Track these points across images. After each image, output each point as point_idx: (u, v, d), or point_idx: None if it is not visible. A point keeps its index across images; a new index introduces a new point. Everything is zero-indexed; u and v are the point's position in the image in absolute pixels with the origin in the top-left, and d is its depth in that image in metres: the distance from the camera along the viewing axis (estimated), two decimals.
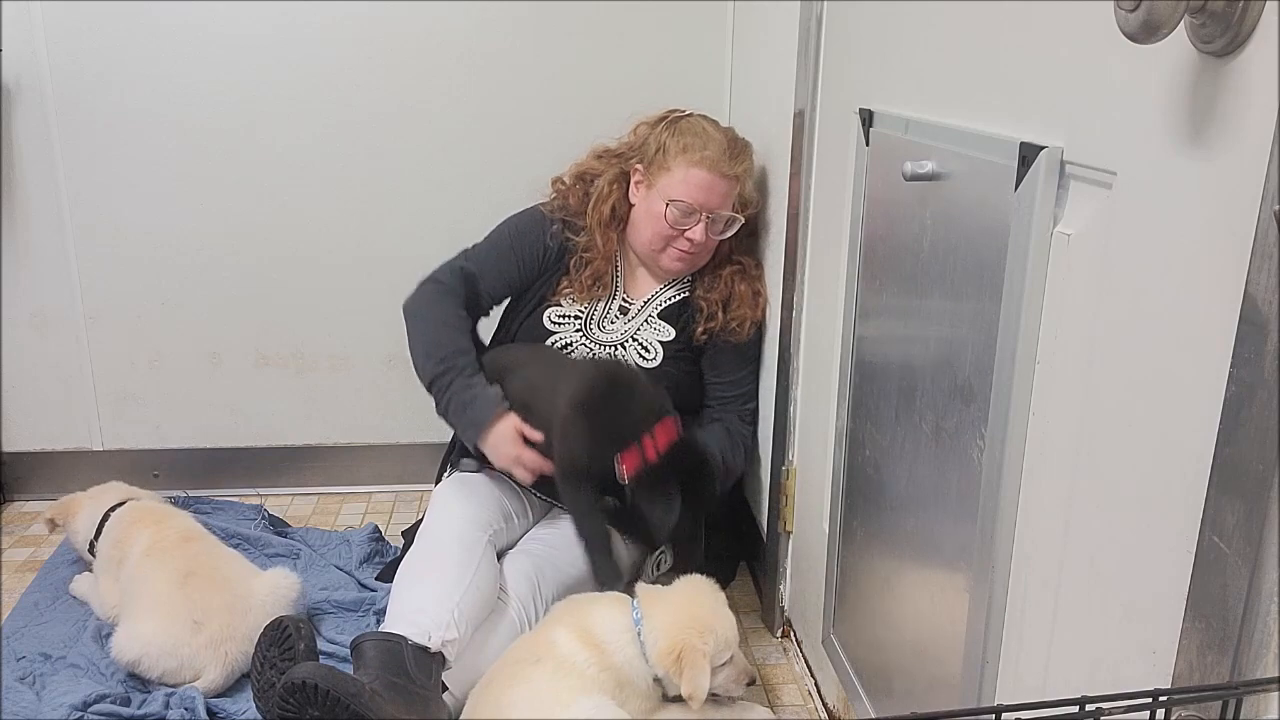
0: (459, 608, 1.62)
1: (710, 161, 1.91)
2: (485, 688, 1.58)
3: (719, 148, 1.93)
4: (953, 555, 1.17)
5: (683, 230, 1.94)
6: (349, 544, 2.21)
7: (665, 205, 1.92)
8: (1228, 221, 0.71)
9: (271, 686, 1.56)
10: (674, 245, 1.96)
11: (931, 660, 1.25)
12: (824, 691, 1.75)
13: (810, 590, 1.79)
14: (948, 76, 1.21)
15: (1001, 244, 1.02)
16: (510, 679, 1.55)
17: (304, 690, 1.41)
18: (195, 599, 1.74)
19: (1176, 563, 0.77)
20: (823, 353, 1.68)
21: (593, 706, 1.50)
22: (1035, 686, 1.02)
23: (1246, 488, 0.69)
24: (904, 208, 1.29)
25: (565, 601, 1.73)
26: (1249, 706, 0.67)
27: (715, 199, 1.93)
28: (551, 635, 1.60)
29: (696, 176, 1.91)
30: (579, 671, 1.55)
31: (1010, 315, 1.01)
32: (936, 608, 1.23)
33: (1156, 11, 0.67)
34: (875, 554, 1.46)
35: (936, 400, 1.20)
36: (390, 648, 1.53)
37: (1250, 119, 0.69)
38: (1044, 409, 0.99)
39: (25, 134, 2.29)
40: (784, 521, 1.92)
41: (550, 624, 1.65)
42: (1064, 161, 0.94)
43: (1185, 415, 0.77)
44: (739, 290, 2.00)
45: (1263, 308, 0.67)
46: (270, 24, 2.28)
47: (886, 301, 1.38)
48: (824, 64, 1.67)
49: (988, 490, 1.07)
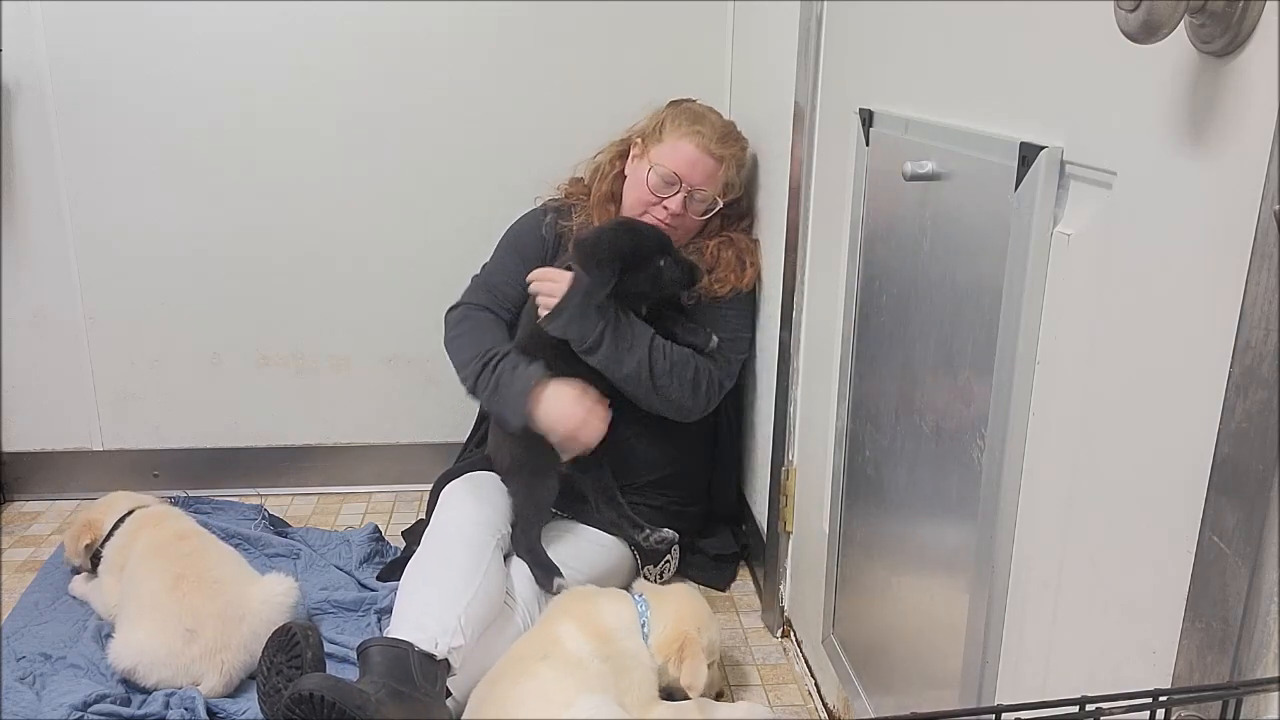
0: (466, 614, 1.62)
1: (699, 137, 2.00)
2: (491, 684, 1.58)
3: (712, 129, 2.02)
4: (953, 555, 1.17)
5: (662, 199, 2.01)
6: (349, 544, 2.21)
7: (649, 170, 2.00)
8: (1228, 221, 0.71)
9: (278, 692, 1.57)
10: (651, 213, 2.02)
11: (931, 660, 1.25)
12: (824, 691, 1.75)
13: (810, 590, 1.79)
14: (948, 76, 1.21)
15: (1001, 244, 1.02)
16: (517, 675, 1.56)
17: (310, 702, 1.41)
18: (187, 605, 1.72)
19: (1176, 563, 0.77)
20: (823, 353, 1.68)
21: (593, 706, 1.51)
22: (1035, 686, 1.02)
23: (1246, 488, 0.69)
24: (904, 208, 1.29)
25: (568, 594, 1.75)
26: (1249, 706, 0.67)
27: (698, 174, 2.00)
28: (557, 630, 1.61)
29: (683, 149, 2.00)
30: (584, 665, 1.56)
31: (1010, 315, 1.01)
32: (936, 608, 1.23)
33: (1156, 11, 0.67)
34: (875, 554, 1.46)
35: (936, 400, 1.20)
36: (397, 654, 1.53)
37: (1250, 119, 0.69)
38: (1044, 409, 0.99)
39: (25, 134, 2.29)
40: (784, 521, 1.92)
41: (555, 617, 1.66)
42: (1064, 161, 0.94)
43: (1185, 415, 0.77)
44: (724, 257, 2.06)
45: (1263, 308, 0.67)
46: (270, 24, 2.28)
47: (886, 301, 1.38)
48: (824, 64, 1.67)
49: (988, 490, 1.07)
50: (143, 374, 2.47)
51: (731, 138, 2.06)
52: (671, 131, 2.02)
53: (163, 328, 2.44)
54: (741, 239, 2.10)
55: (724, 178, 2.04)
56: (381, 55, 2.32)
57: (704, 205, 2.02)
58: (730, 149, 2.03)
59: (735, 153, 2.04)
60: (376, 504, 2.52)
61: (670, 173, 1.99)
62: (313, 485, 2.56)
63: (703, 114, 2.07)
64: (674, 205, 2.00)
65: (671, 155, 2.00)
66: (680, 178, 1.99)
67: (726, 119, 2.10)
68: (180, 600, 1.73)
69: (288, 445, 2.54)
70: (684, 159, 2.00)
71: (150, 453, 2.51)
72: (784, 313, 1.86)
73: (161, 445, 2.51)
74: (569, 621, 1.62)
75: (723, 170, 2.02)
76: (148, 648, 1.70)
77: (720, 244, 2.07)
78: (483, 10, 2.32)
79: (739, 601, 2.12)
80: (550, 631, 1.62)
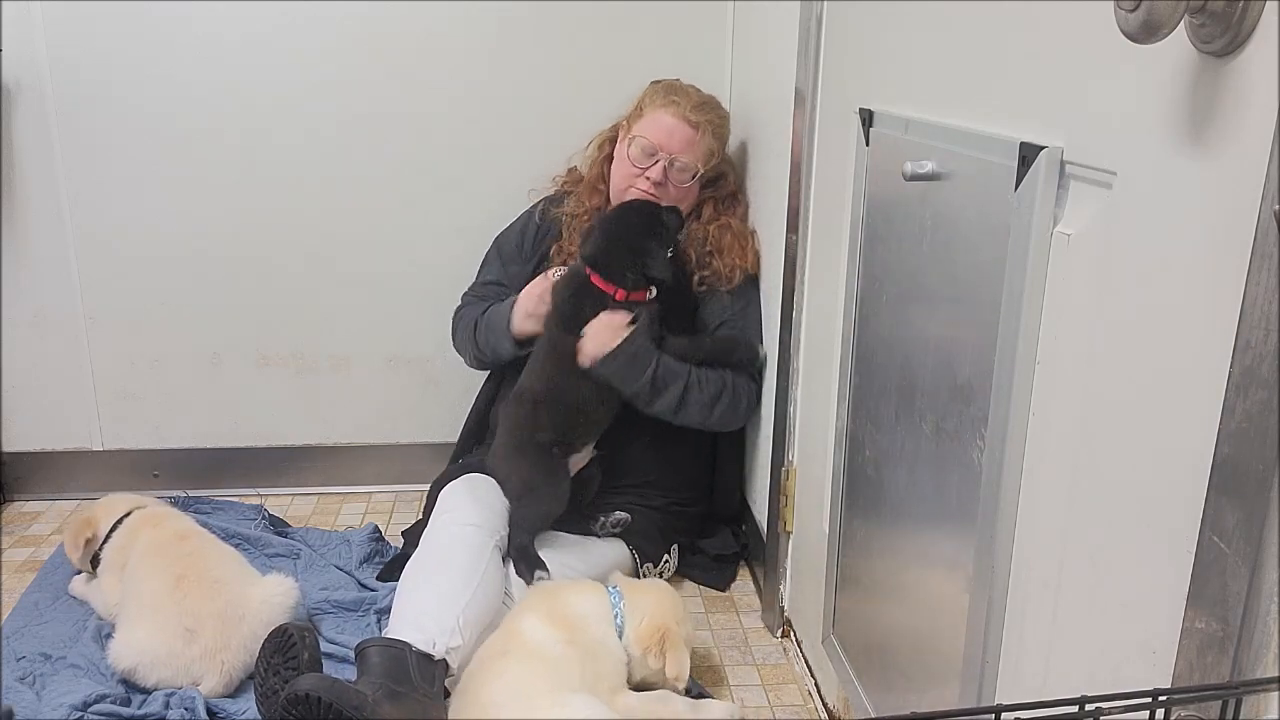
0: (464, 614, 1.62)
1: (675, 106, 2.05)
2: (462, 692, 1.58)
3: (688, 98, 2.07)
4: (953, 555, 1.17)
5: (643, 169, 2.05)
6: (349, 544, 2.21)
7: (630, 143, 2.05)
8: (1228, 221, 0.71)
9: (275, 693, 1.57)
10: (636, 185, 2.06)
11: (931, 660, 1.25)
12: (824, 691, 1.75)
13: (810, 590, 1.79)
14: (948, 76, 1.21)
15: (1001, 244, 1.02)
16: (483, 677, 1.56)
17: (307, 702, 1.41)
18: (187, 605, 1.72)
19: (1176, 563, 0.77)
20: (823, 353, 1.68)
21: (583, 705, 1.51)
22: (1035, 686, 1.02)
23: (1246, 488, 0.69)
24: (904, 208, 1.29)
25: (534, 588, 1.76)
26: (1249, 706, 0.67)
27: (676, 142, 2.04)
28: (518, 625, 1.63)
29: (661, 118, 2.06)
30: (545, 654, 1.57)
31: (1010, 315, 1.01)
32: (936, 608, 1.23)
33: (1156, 11, 0.67)
34: (875, 554, 1.46)
35: (936, 400, 1.20)
36: (395, 655, 1.53)
37: (1250, 119, 0.69)
38: (1044, 409, 0.99)
39: (25, 134, 2.29)
40: (784, 521, 1.92)
41: (518, 613, 1.67)
42: (1064, 161, 0.94)
43: (1185, 415, 0.77)
44: (725, 241, 2.10)
45: (1263, 308, 0.67)
46: (270, 24, 2.28)
47: (886, 301, 1.38)
48: (824, 64, 1.67)
49: (988, 490, 1.07)
50: (143, 374, 2.47)
51: (708, 106, 2.09)
52: (649, 105, 2.09)
53: (163, 328, 2.44)
54: (736, 224, 2.13)
55: (704, 145, 2.06)
56: (381, 55, 2.32)
57: (686, 173, 2.06)
58: (707, 115, 2.07)
59: (712, 119, 2.08)
60: (376, 504, 2.52)
61: (649, 143, 2.04)
62: (313, 485, 2.56)
63: (680, 87, 2.11)
64: (655, 174, 2.04)
65: (650, 126, 2.05)
66: (659, 146, 2.04)
67: (709, 94, 2.13)
68: (180, 600, 1.73)
69: (288, 445, 2.54)
70: (662, 128, 2.04)
71: (150, 453, 2.51)
72: (784, 313, 1.86)
73: (161, 445, 2.51)
74: (530, 614, 1.63)
75: (701, 137, 2.05)
76: (148, 648, 1.70)
77: (719, 228, 2.11)
78: (483, 10, 2.32)
79: (739, 601, 2.12)
80: (510, 626, 1.64)
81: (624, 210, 2.02)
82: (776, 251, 1.91)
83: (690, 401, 1.97)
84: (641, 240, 1.94)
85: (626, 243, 1.94)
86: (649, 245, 1.94)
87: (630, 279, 1.93)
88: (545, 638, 1.58)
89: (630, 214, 2.00)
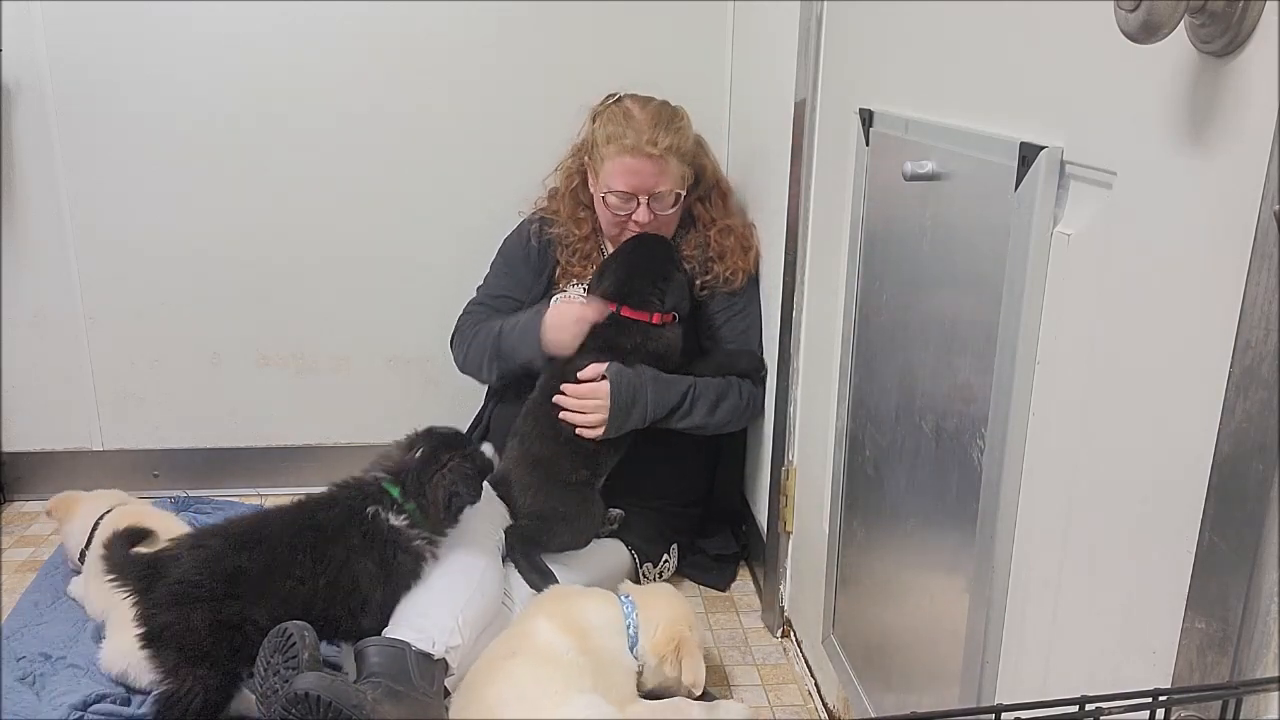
0: (463, 614, 1.62)
1: (632, 147, 1.98)
2: (466, 689, 1.58)
3: (639, 131, 2.00)
4: (953, 555, 1.17)
5: (628, 215, 2.03)
6: None
7: (604, 196, 2.03)
8: (1228, 221, 0.71)
9: (275, 693, 1.56)
10: (625, 229, 2.06)
11: (931, 660, 1.25)
12: (824, 691, 1.75)
13: (810, 590, 1.79)
14: (948, 76, 1.21)
15: (1001, 244, 1.02)
16: (489, 676, 1.56)
17: (307, 701, 1.42)
18: None
19: (1176, 563, 0.77)
20: (823, 353, 1.68)
21: (586, 705, 1.51)
22: (1035, 686, 1.02)
23: (1246, 488, 0.69)
24: (904, 208, 1.29)
25: (546, 592, 1.76)
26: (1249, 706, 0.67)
27: (648, 180, 2.00)
28: (529, 626, 1.62)
29: (623, 164, 1.99)
30: (556, 658, 1.56)
31: (1010, 315, 1.01)
32: (936, 608, 1.23)
33: (1156, 11, 0.67)
34: (875, 554, 1.46)
35: (936, 400, 1.20)
36: (394, 654, 1.53)
37: (1250, 119, 0.69)
38: (1044, 409, 0.99)
39: (25, 134, 2.29)
40: (784, 521, 1.92)
41: (529, 615, 1.67)
42: (1064, 161, 0.94)
43: (1185, 415, 0.77)
44: (728, 244, 2.09)
45: (1263, 307, 0.67)
46: (270, 24, 2.28)
47: (886, 301, 1.38)
48: (824, 64, 1.67)
49: (988, 490, 1.07)
50: (143, 374, 2.47)
51: (662, 124, 2.01)
52: (606, 149, 2.01)
53: (163, 328, 2.44)
54: (737, 224, 2.12)
55: (674, 169, 2.02)
56: (381, 55, 2.32)
57: (668, 200, 2.04)
58: (666, 139, 1.99)
59: (673, 141, 2.00)
60: None
61: (620, 192, 2.01)
62: (312, 485, 2.54)
63: (627, 115, 2.02)
64: (640, 216, 2.02)
65: (615, 177, 2.00)
66: (633, 191, 2.00)
67: (654, 104, 2.06)
68: None
69: (288, 445, 2.54)
70: (627, 173, 1.99)
71: (150, 453, 2.51)
72: (784, 313, 1.86)
73: (161, 445, 2.51)
74: (542, 618, 1.63)
75: (668, 162, 2.00)
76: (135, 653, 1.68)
77: (719, 233, 2.10)
78: (483, 10, 2.32)
79: (739, 601, 2.12)
80: (521, 629, 1.63)
81: (637, 244, 2.02)
82: (776, 251, 1.91)
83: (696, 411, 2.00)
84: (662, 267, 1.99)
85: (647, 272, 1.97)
86: (669, 271, 1.98)
87: (655, 304, 1.96)
88: (557, 643, 1.58)
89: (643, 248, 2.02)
